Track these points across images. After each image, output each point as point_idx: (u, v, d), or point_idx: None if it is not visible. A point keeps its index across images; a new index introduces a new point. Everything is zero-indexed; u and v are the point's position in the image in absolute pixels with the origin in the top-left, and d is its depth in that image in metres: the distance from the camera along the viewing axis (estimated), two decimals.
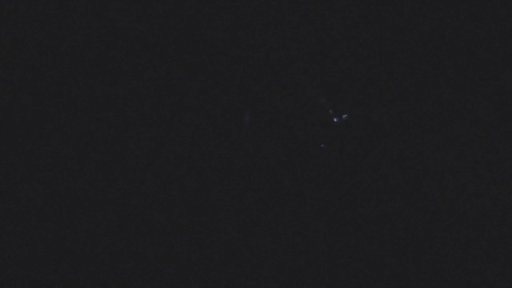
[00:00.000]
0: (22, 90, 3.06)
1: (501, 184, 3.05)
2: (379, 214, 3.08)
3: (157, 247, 3.04)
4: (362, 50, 3.12)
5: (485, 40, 3.13)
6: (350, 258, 3.03)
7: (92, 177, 3.06)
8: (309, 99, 3.12)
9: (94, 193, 3.05)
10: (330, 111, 2.76)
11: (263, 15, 3.11)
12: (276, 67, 3.13)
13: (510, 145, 3.07)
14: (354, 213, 3.09)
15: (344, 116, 2.91)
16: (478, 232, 3.05)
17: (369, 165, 3.11)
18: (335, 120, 2.85)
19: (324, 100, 2.98)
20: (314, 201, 3.10)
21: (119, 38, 3.09)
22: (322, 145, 3.10)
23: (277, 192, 3.11)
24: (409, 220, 3.08)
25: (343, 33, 3.11)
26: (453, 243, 3.05)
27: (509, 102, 3.09)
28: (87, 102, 3.09)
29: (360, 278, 3.00)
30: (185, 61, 3.09)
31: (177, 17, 3.10)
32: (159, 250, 3.04)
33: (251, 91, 3.11)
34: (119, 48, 3.10)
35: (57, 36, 3.10)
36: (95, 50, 3.10)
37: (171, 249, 3.03)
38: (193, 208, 3.07)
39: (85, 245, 3.01)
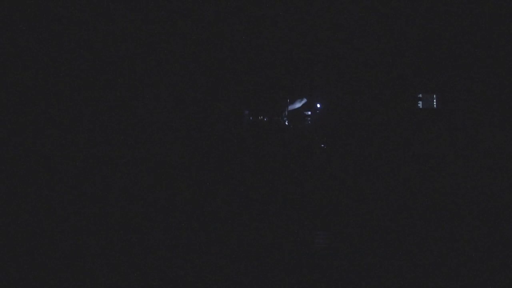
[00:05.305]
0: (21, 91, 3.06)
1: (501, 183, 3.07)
2: (379, 213, 3.10)
3: (156, 247, 3.05)
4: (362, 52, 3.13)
5: (485, 41, 3.15)
6: (350, 257, 3.05)
7: (91, 177, 3.06)
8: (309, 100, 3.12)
9: (94, 193, 3.05)
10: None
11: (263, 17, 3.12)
12: (276, 69, 3.13)
13: (510, 144, 3.08)
14: (354, 211, 3.10)
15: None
16: (478, 232, 3.07)
17: (368, 165, 3.12)
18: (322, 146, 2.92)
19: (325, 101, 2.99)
20: (313, 200, 3.11)
21: (120, 40, 3.10)
22: (322, 145, 3.12)
23: (277, 191, 3.12)
24: (407, 218, 3.09)
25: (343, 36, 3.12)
26: (453, 243, 3.06)
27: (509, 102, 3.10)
28: (88, 103, 3.09)
29: (359, 277, 3.01)
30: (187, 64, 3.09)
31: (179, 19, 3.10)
32: (158, 250, 3.04)
33: (251, 92, 3.11)
34: (120, 49, 3.11)
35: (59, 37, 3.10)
36: (96, 52, 3.10)
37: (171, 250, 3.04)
38: (192, 208, 3.08)
39: (85, 245, 3.02)
